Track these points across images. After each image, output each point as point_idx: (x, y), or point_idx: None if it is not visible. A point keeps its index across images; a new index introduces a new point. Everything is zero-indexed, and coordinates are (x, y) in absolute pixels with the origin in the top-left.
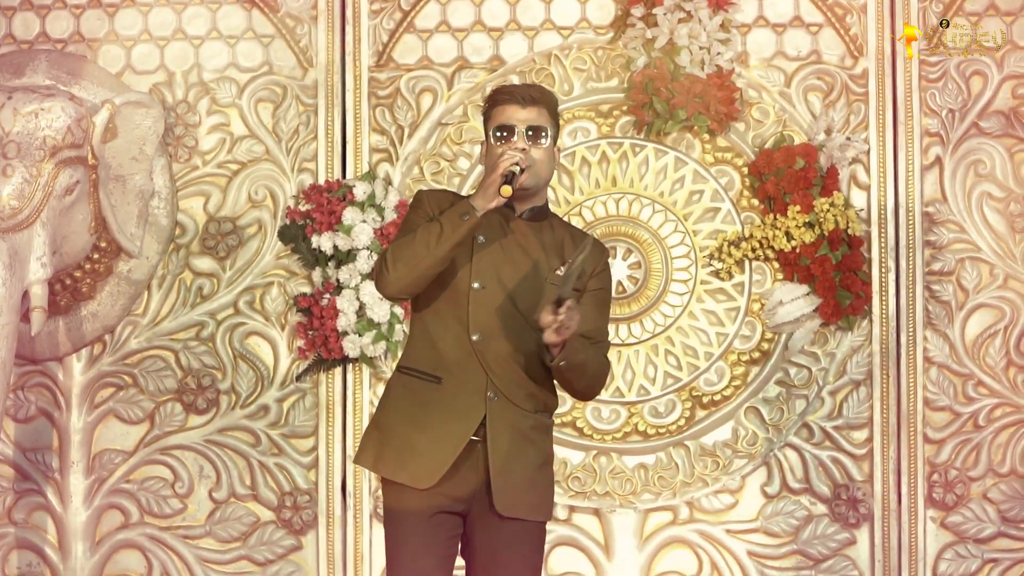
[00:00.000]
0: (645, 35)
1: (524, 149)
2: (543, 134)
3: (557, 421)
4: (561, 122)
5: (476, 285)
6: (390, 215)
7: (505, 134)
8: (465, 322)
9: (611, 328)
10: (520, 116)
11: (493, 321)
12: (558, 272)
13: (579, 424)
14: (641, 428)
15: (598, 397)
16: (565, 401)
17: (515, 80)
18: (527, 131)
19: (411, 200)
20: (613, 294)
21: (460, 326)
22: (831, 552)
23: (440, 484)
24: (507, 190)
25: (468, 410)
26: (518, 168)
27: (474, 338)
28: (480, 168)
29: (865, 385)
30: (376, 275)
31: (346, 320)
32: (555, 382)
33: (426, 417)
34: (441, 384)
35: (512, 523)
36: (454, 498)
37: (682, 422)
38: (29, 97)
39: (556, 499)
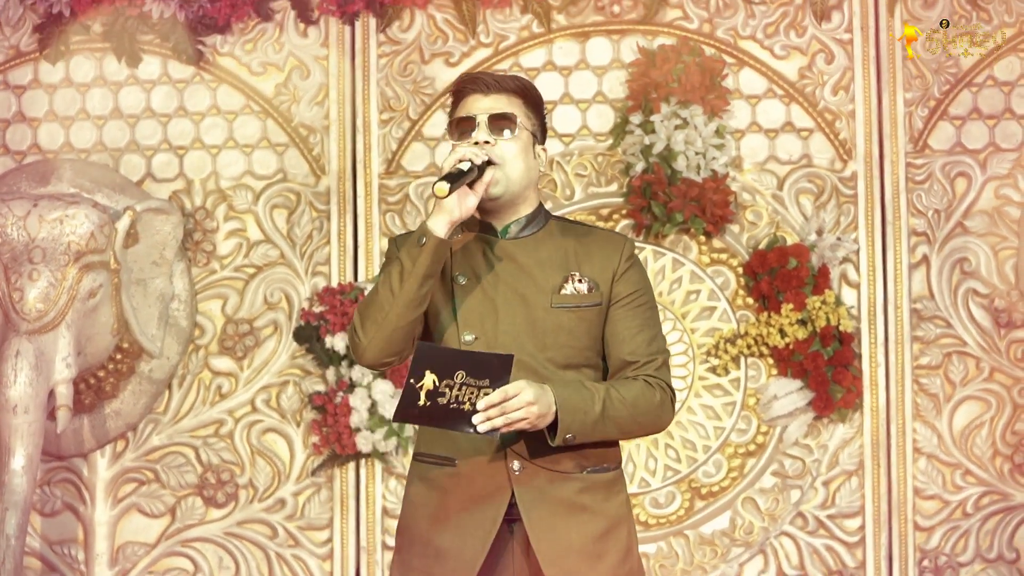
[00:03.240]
0: (643, 141)
1: (487, 143)
2: (512, 123)
3: None
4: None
5: (468, 338)
6: None
7: (464, 126)
8: None
9: None
10: (482, 104)
11: None
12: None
13: None
14: (643, 518)
15: None
16: None
17: None
18: (489, 120)
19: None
20: None
21: None
22: None
23: None
24: (441, 188)
25: (491, 492)
26: (467, 165)
27: None
28: None
29: (857, 475)
30: (351, 345)
31: (359, 417)
32: None
33: (445, 510)
34: (456, 467)
35: None
36: None
37: (682, 512)
38: (54, 204)
39: None
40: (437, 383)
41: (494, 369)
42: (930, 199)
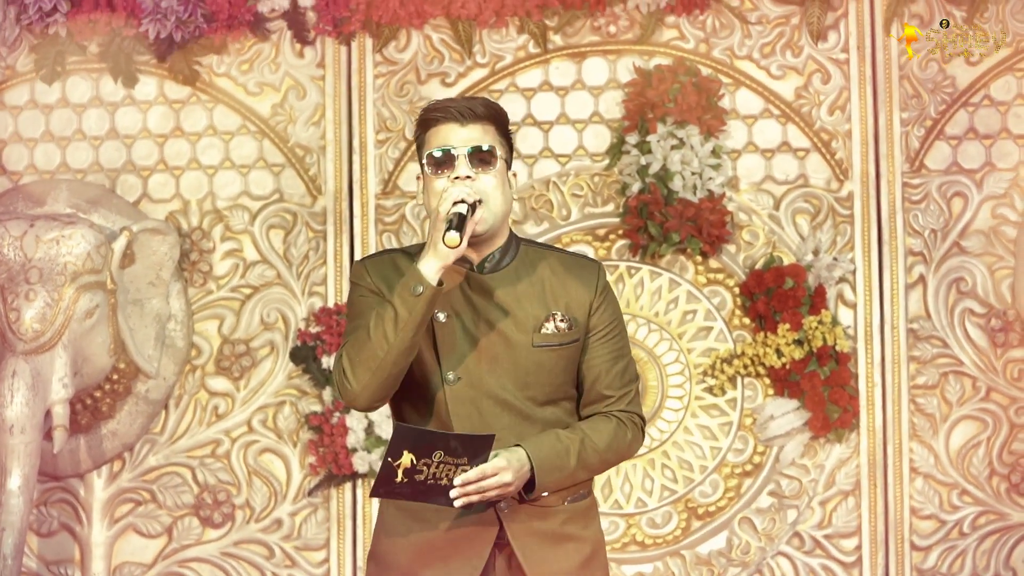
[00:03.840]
0: (640, 161)
1: (469, 178)
2: (493, 156)
3: None
4: (559, 243)
5: (450, 376)
6: None
7: (443, 160)
8: (449, 424)
9: None
10: (459, 137)
11: (482, 417)
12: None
13: None
14: (639, 539)
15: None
16: None
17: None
18: (470, 155)
19: (350, 277)
20: None
21: (445, 430)
22: None
23: None
24: (453, 239)
25: (479, 528)
26: (465, 207)
27: None
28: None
29: (854, 495)
30: (338, 386)
31: (355, 437)
32: None
33: (429, 543)
34: None
35: None
36: None
37: (678, 532)
38: (51, 225)
39: None
40: (415, 462)
41: (473, 448)
42: (927, 219)
